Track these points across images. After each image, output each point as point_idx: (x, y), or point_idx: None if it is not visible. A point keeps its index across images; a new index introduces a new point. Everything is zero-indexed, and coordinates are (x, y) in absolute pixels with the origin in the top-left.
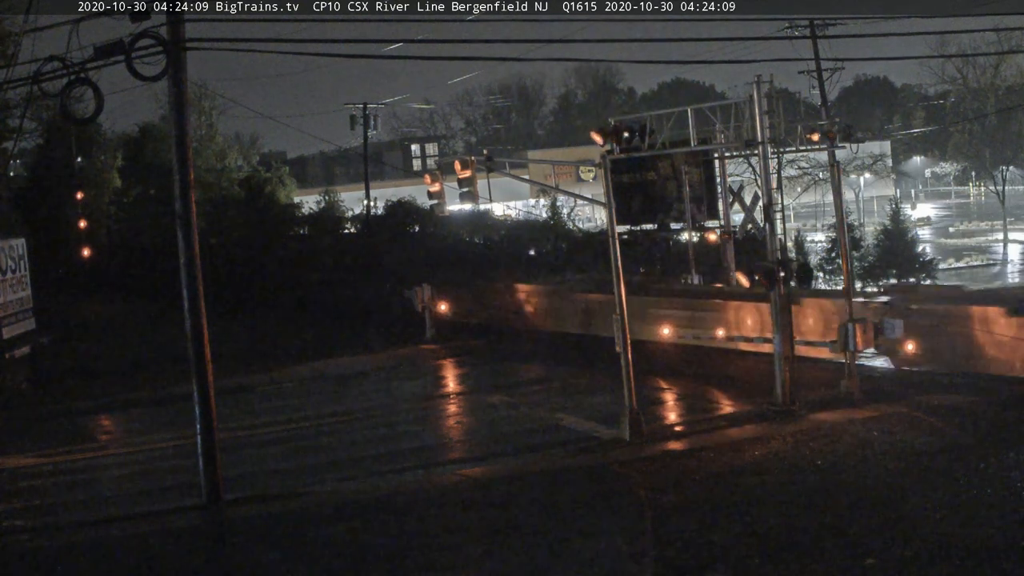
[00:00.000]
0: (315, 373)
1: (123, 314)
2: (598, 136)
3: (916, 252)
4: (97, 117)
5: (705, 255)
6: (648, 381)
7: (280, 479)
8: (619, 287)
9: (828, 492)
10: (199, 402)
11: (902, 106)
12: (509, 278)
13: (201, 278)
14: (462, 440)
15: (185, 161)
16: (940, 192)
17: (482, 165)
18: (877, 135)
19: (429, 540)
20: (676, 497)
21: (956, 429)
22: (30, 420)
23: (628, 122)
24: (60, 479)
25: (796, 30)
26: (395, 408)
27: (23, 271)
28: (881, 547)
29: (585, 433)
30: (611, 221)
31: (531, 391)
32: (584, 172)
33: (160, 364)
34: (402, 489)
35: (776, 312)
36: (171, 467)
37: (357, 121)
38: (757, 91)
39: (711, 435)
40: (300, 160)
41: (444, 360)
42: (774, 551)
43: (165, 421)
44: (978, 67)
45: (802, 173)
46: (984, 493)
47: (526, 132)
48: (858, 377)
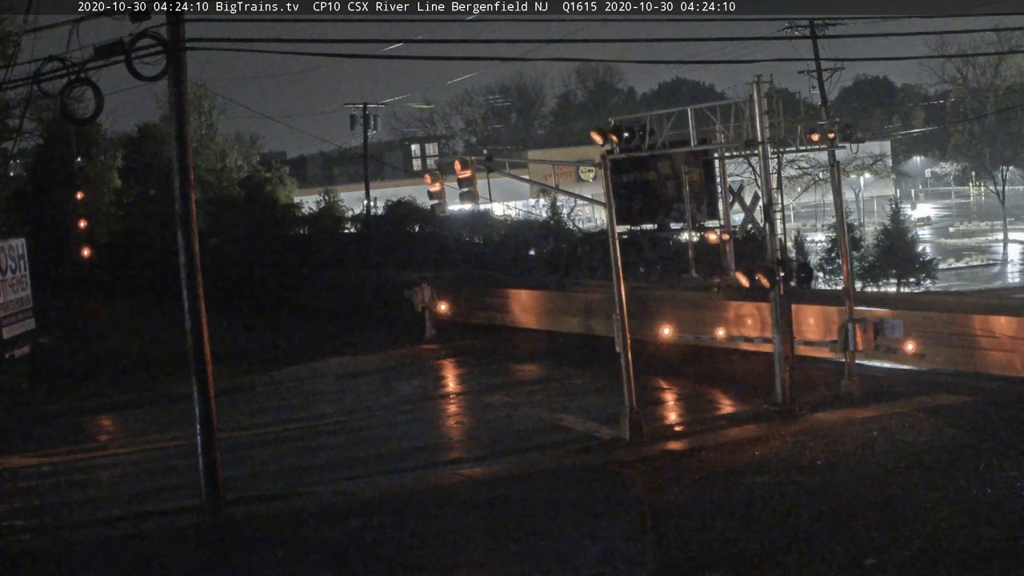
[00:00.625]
0: (315, 373)
1: (123, 314)
2: (598, 136)
3: (916, 252)
4: (97, 117)
5: (705, 255)
6: (648, 381)
7: (280, 479)
8: (619, 287)
9: (828, 492)
10: (199, 402)
11: (902, 106)
12: (509, 278)
13: (201, 278)
14: (462, 440)
15: (185, 161)
16: (940, 192)
17: (482, 165)
18: (877, 135)
19: (429, 540)
20: (676, 497)
21: (956, 429)
22: (30, 420)
23: (628, 122)
24: (60, 479)
25: (796, 30)
26: (395, 408)
27: (23, 271)
28: (881, 547)
29: (585, 433)
30: (611, 221)
31: (531, 391)
32: (584, 172)
33: (160, 364)
34: (402, 489)
35: (776, 312)
36: (171, 467)
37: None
38: (757, 91)
39: (711, 435)
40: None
41: (444, 360)
42: (774, 551)
43: (165, 421)
44: (978, 67)
45: (802, 173)
46: (984, 493)
47: (526, 132)
48: (858, 377)
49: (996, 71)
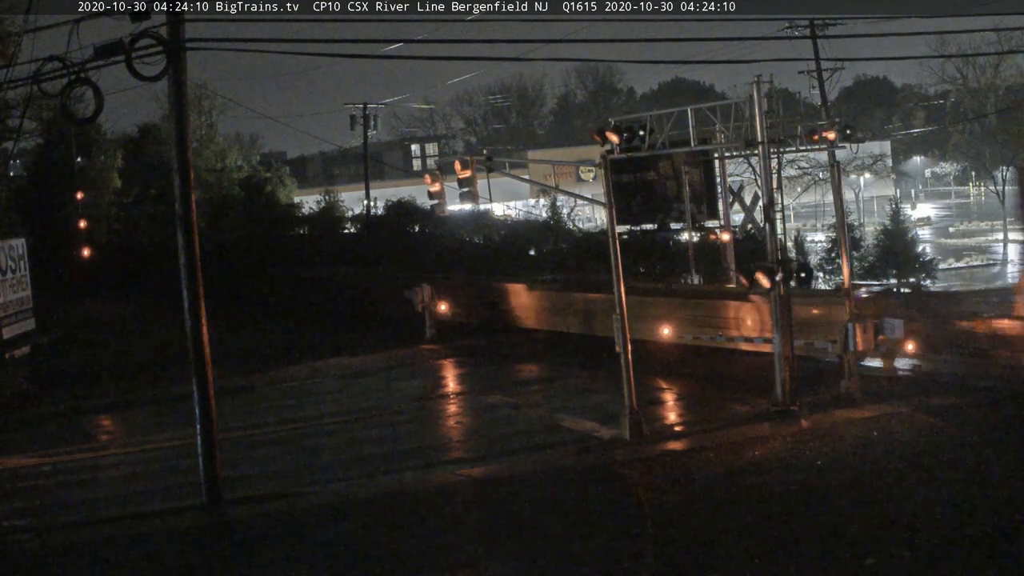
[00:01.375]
0: (315, 373)
1: (123, 314)
2: (598, 136)
3: (916, 252)
4: (97, 117)
5: (705, 255)
6: (648, 381)
7: (280, 479)
8: (619, 287)
9: (828, 492)
10: (199, 402)
11: (902, 106)
12: (509, 278)
13: (201, 278)
14: (462, 440)
15: (185, 161)
16: (940, 192)
17: (482, 165)
18: (877, 135)
19: (429, 540)
20: (676, 497)
21: (956, 429)
22: (30, 420)
23: (628, 122)
24: (60, 479)
25: (796, 30)
26: (395, 408)
27: (23, 271)
28: (881, 547)
29: (585, 433)
30: (611, 221)
31: (531, 391)
32: (584, 172)
33: (160, 364)
34: (402, 489)
35: (776, 312)
36: (171, 467)
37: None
38: (757, 91)
39: (711, 435)
40: (300, 160)
41: (444, 360)
42: (774, 551)
43: (165, 421)
44: (978, 67)
45: (802, 173)
46: (984, 493)
47: (526, 132)
48: (858, 377)
49: (996, 71)
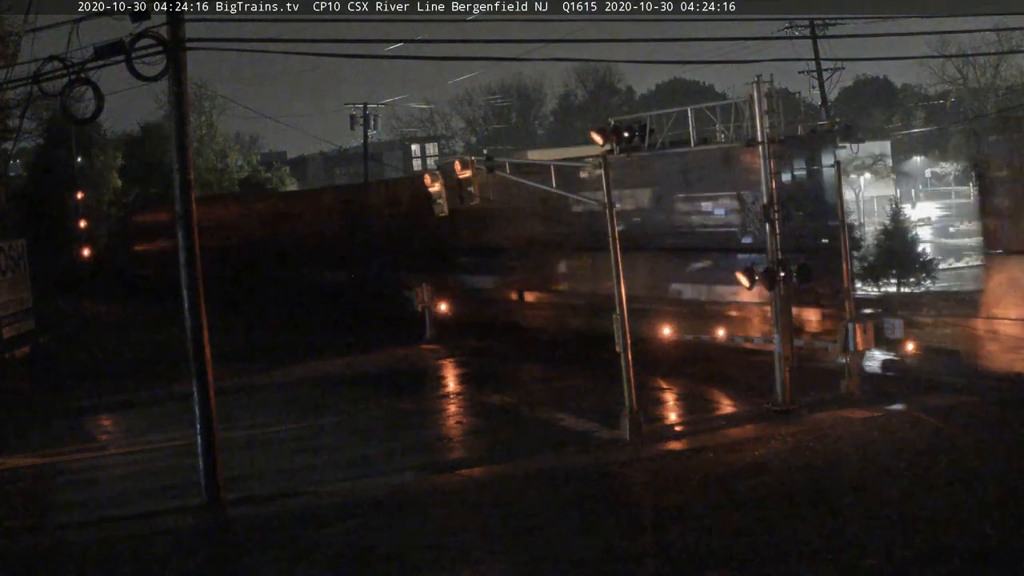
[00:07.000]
0: (315, 373)
1: (123, 314)
2: (598, 136)
3: (916, 252)
4: (97, 117)
5: None
6: (648, 381)
7: (280, 479)
8: (619, 287)
9: (828, 492)
10: (199, 402)
11: (902, 106)
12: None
13: (201, 278)
14: (462, 440)
15: (185, 161)
16: (940, 192)
17: (482, 165)
18: (877, 135)
19: (429, 540)
20: (676, 497)
21: (956, 429)
22: (30, 420)
23: (628, 122)
24: (60, 479)
25: (796, 30)
26: (395, 408)
27: (23, 271)
28: (881, 547)
29: (585, 433)
30: (611, 221)
31: (531, 391)
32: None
33: (160, 364)
34: (402, 489)
35: (776, 312)
36: (171, 467)
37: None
38: (757, 91)
39: (711, 435)
40: (300, 160)
41: (444, 360)
42: (774, 551)
43: (165, 421)
44: (978, 67)
45: None
46: (984, 493)
47: (526, 132)
48: (858, 377)
49: (996, 71)
